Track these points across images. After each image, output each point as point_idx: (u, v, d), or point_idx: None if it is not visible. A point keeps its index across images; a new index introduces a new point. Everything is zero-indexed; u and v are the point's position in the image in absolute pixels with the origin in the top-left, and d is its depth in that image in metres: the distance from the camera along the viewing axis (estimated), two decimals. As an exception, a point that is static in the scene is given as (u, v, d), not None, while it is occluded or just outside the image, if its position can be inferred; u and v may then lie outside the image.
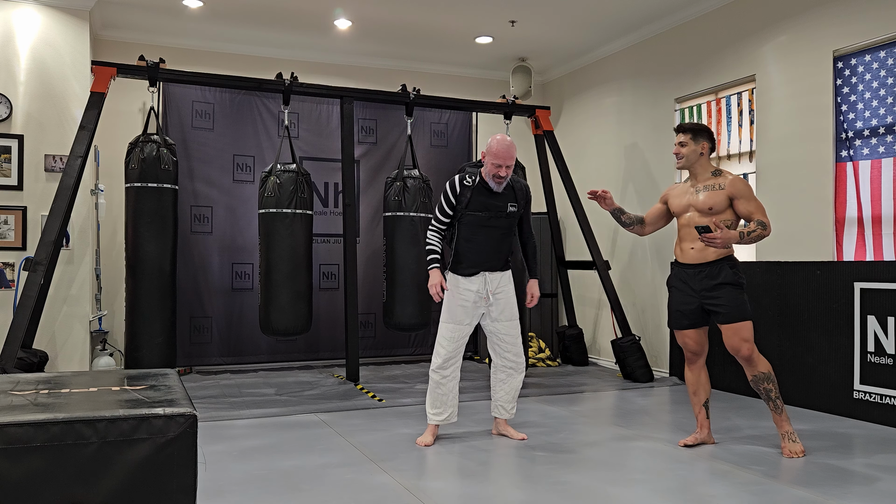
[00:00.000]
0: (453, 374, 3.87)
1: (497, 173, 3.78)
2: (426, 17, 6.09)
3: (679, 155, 3.76)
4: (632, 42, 6.55)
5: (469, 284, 3.85)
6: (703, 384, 3.83)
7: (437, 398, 3.88)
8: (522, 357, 3.99)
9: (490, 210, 3.85)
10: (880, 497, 2.98)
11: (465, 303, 3.84)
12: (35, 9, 5.51)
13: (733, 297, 3.61)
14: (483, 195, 3.85)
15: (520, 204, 3.95)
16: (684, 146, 3.74)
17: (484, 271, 3.87)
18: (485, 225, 3.86)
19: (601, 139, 6.98)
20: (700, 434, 3.82)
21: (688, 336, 3.80)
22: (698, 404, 3.84)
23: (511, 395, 4.00)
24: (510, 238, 3.97)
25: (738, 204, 3.61)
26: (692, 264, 3.71)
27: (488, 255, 3.88)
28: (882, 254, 4.49)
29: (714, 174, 3.72)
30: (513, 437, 3.98)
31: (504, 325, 3.92)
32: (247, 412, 4.58)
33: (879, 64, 4.51)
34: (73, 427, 1.67)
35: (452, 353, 3.85)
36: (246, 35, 6.51)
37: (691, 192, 3.76)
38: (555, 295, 7.27)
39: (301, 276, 5.54)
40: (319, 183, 6.74)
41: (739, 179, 3.66)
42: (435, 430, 3.89)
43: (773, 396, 3.61)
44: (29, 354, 4.95)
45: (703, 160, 3.76)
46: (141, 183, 5.23)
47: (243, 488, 3.09)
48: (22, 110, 5.46)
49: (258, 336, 6.43)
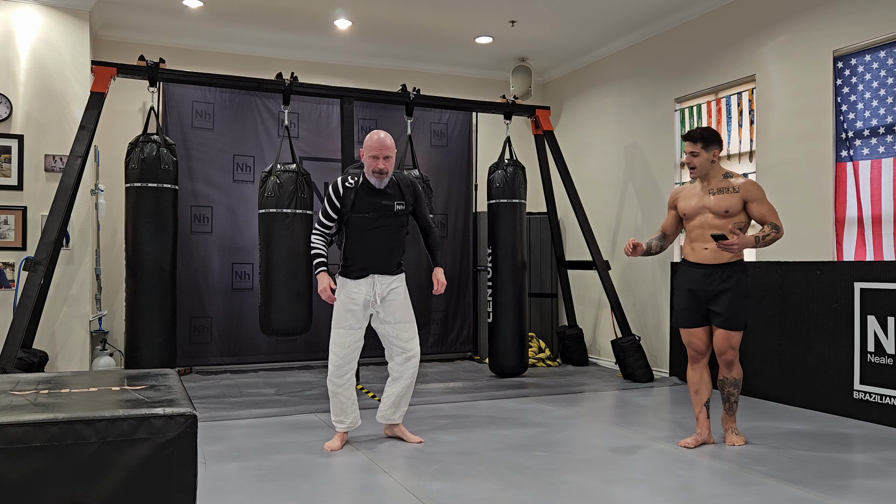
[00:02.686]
0: (350, 381, 3.78)
1: (376, 167, 3.68)
2: (426, 17, 6.09)
3: (692, 165, 3.78)
4: (632, 42, 6.55)
5: (357, 287, 3.75)
6: (706, 384, 3.84)
7: (336, 407, 3.79)
8: (411, 362, 3.84)
9: (377, 210, 3.75)
10: (880, 497, 2.98)
11: (353, 306, 3.74)
12: (35, 9, 5.51)
13: (737, 305, 3.69)
14: (368, 195, 3.74)
15: (407, 201, 3.84)
16: (696, 156, 3.75)
17: (373, 273, 3.77)
18: (372, 226, 3.75)
19: (601, 139, 6.98)
20: (701, 435, 3.83)
21: (695, 335, 3.82)
22: (699, 404, 3.85)
23: (392, 399, 3.85)
24: (401, 238, 3.87)
25: (752, 207, 3.68)
26: (705, 265, 3.74)
27: (378, 258, 3.78)
28: (882, 254, 4.49)
29: (725, 176, 3.77)
30: (408, 441, 3.88)
31: (392, 327, 3.80)
32: (247, 412, 4.58)
33: (879, 64, 4.51)
34: (73, 427, 1.67)
35: (345, 360, 3.75)
36: (246, 35, 6.51)
37: (705, 195, 3.78)
38: (555, 295, 7.27)
39: (301, 276, 5.53)
40: (319, 183, 6.74)
41: (752, 182, 3.72)
42: (343, 437, 3.81)
43: (733, 400, 3.83)
44: (29, 354, 4.95)
45: (716, 165, 3.79)
46: (141, 183, 5.22)
47: (243, 488, 3.09)
48: (22, 110, 5.46)
49: (258, 336, 6.43)
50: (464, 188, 7.38)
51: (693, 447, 3.78)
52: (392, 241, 3.82)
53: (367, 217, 3.75)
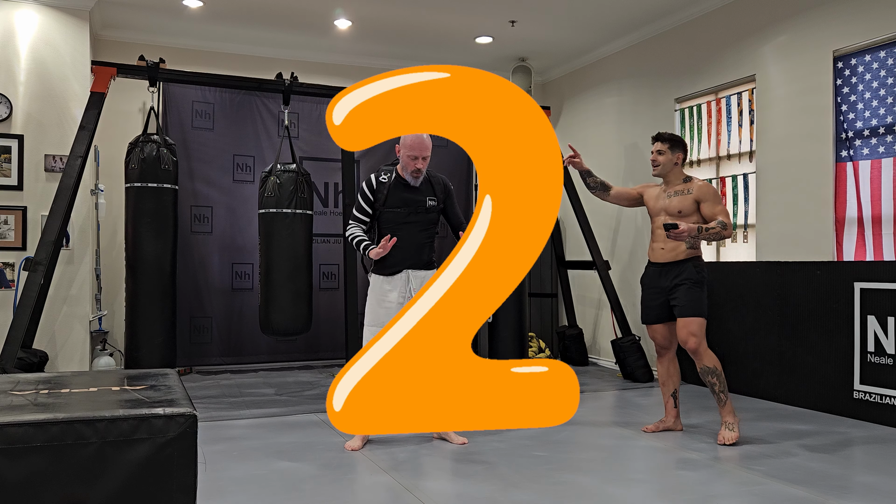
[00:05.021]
0: None
1: (414, 166, 3.73)
2: (426, 17, 6.09)
3: (656, 162, 4.04)
4: (632, 42, 6.54)
5: (390, 285, 3.77)
6: (672, 376, 4.13)
7: None
8: None
9: (409, 206, 3.79)
10: (880, 497, 2.98)
11: (388, 304, 3.75)
12: (35, 9, 5.50)
13: (691, 294, 3.87)
14: (400, 190, 3.79)
15: (439, 198, 3.89)
16: (662, 154, 4.03)
17: (407, 269, 3.78)
18: (405, 221, 3.79)
19: (601, 139, 6.98)
20: (665, 421, 4.12)
21: (655, 330, 4.10)
22: (667, 394, 4.14)
23: None
24: (432, 235, 3.90)
25: (704, 207, 3.90)
26: (662, 263, 3.99)
27: (411, 252, 3.79)
28: (882, 254, 4.49)
29: (685, 181, 4.00)
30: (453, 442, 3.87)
31: None
32: (247, 412, 4.58)
33: (879, 64, 4.51)
34: (73, 427, 1.67)
35: None
36: (246, 35, 6.51)
37: (664, 197, 4.02)
38: (555, 295, 7.27)
39: (301, 276, 5.54)
40: (319, 183, 6.74)
41: (706, 185, 3.97)
42: (364, 437, 3.81)
43: (717, 390, 3.85)
44: (29, 354, 4.95)
45: (677, 169, 4.05)
46: (141, 183, 5.22)
47: (243, 488, 3.09)
48: (22, 110, 5.46)
49: (258, 336, 6.43)
50: (463, 188, 7.38)
51: (652, 431, 4.07)
52: (423, 237, 3.86)
53: (399, 212, 3.79)
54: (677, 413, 4.13)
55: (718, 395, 3.85)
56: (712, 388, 3.86)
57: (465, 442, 3.86)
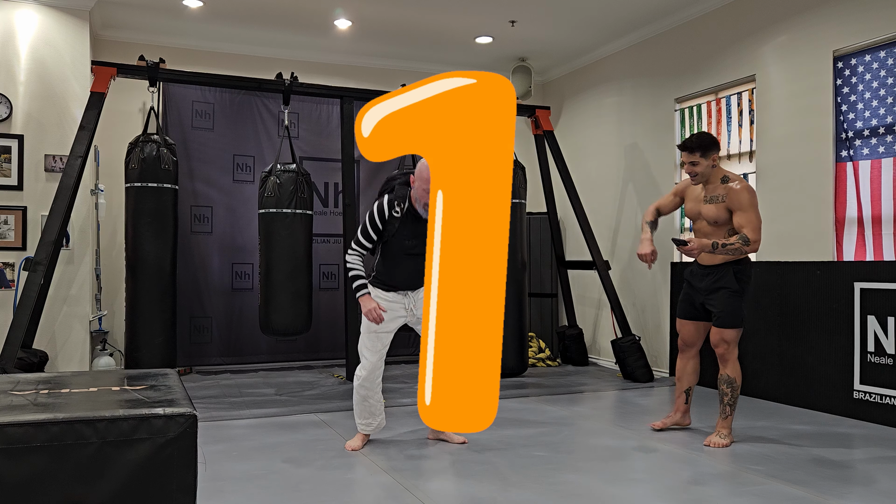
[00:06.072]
0: (378, 385, 3.79)
1: (427, 199, 3.56)
2: (426, 17, 6.09)
3: (693, 174, 3.84)
4: (632, 42, 6.54)
5: (388, 296, 3.75)
6: (689, 374, 4.09)
7: (365, 410, 3.78)
8: None
9: (418, 238, 3.61)
10: (880, 497, 2.98)
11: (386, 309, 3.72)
12: (35, 9, 5.50)
13: (729, 303, 3.80)
14: (411, 222, 3.66)
15: None
16: (696, 164, 3.81)
17: (405, 290, 3.76)
18: (411, 252, 3.69)
19: (601, 139, 6.98)
20: (673, 417, 4.12)
21: (684, 326, 4.07)
22: (680, 390, 4.13)
23: None
24: None
25: (735, 216, 3.75)
26: (703, 265, 3.93)
27: (412, 279, 3.73)
28: (882, 254, 4.49)
29: (723, 181, 3.82)
30: (452, 441, 3.87)
31: None
32: (247, 412, 4.58)
33: (879, 64, 4.51)
34: (73, 427, 1.67)
35: (377, 364, 3.74)
36: (246, 35, 6.51)
37: (703, 200, 3.90)
38: (555, 295, 7.27)
39: (301, 276, 5.54)
40: (319, 183, 6.74)
41: (741, 190, 3.74)
42: (366, 437, 3.82)
43: (727, 401, 3.83)
44: (29, 354, 4.95)
45: (717, 169, 3.87)
46: (141, 183, 5.22)
47: (243, 488, 3.09)
48: (22, 110, 5.46)
49: (258, 336, 6.42)
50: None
51: (660, 428, 4.09)
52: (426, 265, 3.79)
53: (406, 244, 3.70)
54: (687, 409, 4.12)
55: (726, 406, 3.82)
56: (722, 398, 3.83)
57: (464, 441, 3.86)
